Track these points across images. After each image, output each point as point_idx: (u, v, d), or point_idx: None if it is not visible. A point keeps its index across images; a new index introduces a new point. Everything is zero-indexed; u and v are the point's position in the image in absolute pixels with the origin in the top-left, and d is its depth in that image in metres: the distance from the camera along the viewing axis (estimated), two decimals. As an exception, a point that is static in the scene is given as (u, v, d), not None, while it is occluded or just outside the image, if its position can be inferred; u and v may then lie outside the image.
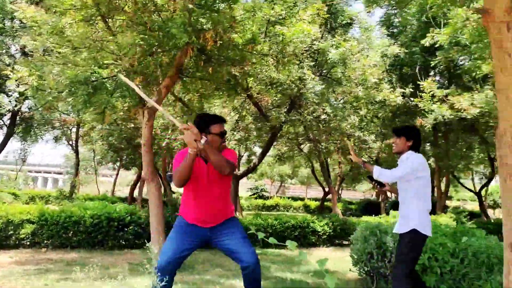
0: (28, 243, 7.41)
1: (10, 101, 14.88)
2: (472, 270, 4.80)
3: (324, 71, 9.95)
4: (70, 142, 23.18)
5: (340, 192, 28.23)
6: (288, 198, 31.78)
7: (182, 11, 4.82)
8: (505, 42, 3.05)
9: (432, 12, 8.36)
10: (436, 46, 10.53)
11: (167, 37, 5.13)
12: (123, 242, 7.68)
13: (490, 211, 24.73)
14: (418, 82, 11.84)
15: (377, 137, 15.68)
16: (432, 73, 14.29)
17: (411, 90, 12.41)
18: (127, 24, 4.98)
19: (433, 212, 15.37)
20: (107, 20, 5.45)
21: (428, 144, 17.27)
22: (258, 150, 23.43)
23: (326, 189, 20.65)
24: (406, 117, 15.23)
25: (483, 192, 24.01)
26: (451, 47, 11.03)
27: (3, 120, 16.91)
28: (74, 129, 21.84)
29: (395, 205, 18.77)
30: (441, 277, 4.86)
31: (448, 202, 27.47)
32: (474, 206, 31.99)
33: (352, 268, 6.06)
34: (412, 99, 11.96)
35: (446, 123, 12.30)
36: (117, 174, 24.99)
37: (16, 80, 5.95)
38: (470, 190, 18.99)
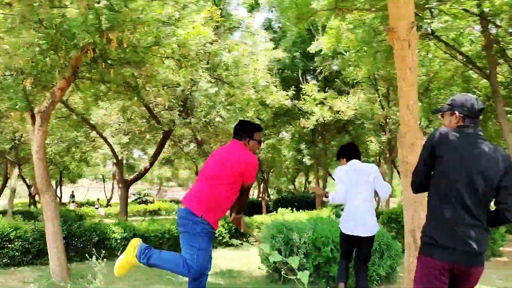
0: None
1: None
2: (367, 258, 5.38)
3: (217, 74, 10.09)
4: None
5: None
6: (170, 201, 31.28)
7: (86, 9, 4.49)
8: (407, 58, 3.53)
9: (311, 21, 9.10)
10: (314, 52, 11.45)
11: (66, 36, 4.75)
12: (7, 260, 6.84)
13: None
14: (300, 86, 12.76)
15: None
16: (309, 77, 15.50)
17: (293, 92, 13.25)
18: (21, 20, 4.46)
19: (314, 207, 16.63)
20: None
21: (305, 144, 18.62)
22: (137, 153, 22.70)
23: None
24: (286, 118, 16.26)
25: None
26: (328, 54, 12.09)
27: None
28: None
29: (276, 204, 19.75)
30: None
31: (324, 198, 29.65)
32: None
33: (261, 265, 6.30)
34: (296, 101, 12.78)
35: (324, 124, 13.45)
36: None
37: None
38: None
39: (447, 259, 2.27)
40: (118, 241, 8.05)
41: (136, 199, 30.65)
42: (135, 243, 3.33)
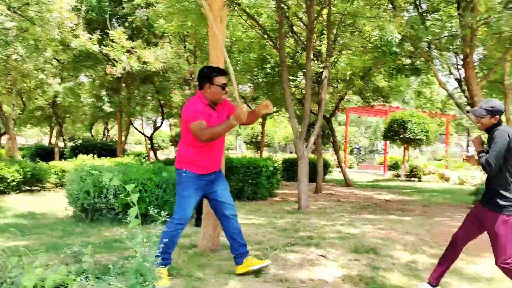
0: None
1: None
2: (172, 196, 6.22)
3: (14, 8, 9.10)
4: None
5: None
6: None
7: None
8: (219, 30, 4.28)
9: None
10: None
11: None
12: None
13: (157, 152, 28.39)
14: (107, 31, 12.44)
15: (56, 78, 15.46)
16: (116, 23, 15.09)
17: (99, 37, 12.77)
18: None
19: (114, 155, 16.70)
20: None
21: (106, 91, 18.17)
22: None
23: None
24: (90, 63, 15.58)
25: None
26: (139, 4, 12.08)
27: None
28: None
29: (74, 151, 18.93)
30: (149, 204, 6.03)
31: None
32: (138, 149, 35.66)
33: (68, 207, 6.48)
34: (104, 47, 12.45)
35: (130, 73, 13.51)
36: None
37: None
38: (144, 135, 21.30)
39: None
40: None
41: None
42: None
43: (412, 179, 19.96)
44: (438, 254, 4.85)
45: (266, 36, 10.10)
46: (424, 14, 9.05)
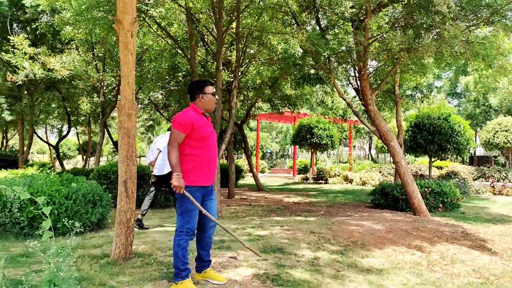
0: None
1: None
2: (82, 207, 6.12)
3: None
4: None
5: None
6: None
7: None
8: (129, 45, 4.40)
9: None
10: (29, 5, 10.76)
11: None
12: None
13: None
14: (8, 36, 11.67)
15: None
16: (17, 28, 14.18)
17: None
18: None
19: (16, 166, 15.59)
20: None
21: (5, 98, 16.94)
22: None
23: None
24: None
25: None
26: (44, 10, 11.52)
27: None
28: None
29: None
30: (57, 217, 5.88)
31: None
32: (42, 158, 33.40)
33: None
34: (4, 53, 11.67)
35: (33, 80, 12.79)
36: None
37: None
38: (49, 144, 20.11)
39: None
40: None
41: None
42: None
43: (320, 181, 21.23)
44: (338, 251, 5.41)
45: (175, 46, 10.21)
46: (325, 29, 9.86)
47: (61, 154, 31.37)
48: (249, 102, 15.10)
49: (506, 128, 22.64)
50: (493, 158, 32.62)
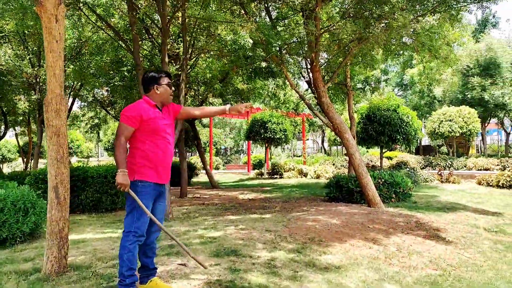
0: None
1: None
2: (11, 216, 5.47)
3: None
4: None
5: None
6: None
7: None
8: (54, 31, 3.87)
9: None
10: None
11: None
12: None
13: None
14: None
15: None
16: None
17: None
18: None
19: None
20: None
21: None
22: None
23: None
24: None
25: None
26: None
27: None
28: None
29: None
30: (-19, 229, 5.22)
31: None
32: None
33: None
34: None
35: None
36: None
37: None
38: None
39: None
40: None
41: None
42: None
43: (275, 176, 21.10)
44: (295, 249, 5.13)
45: (117, 38, 9.58)
46: (275, 21, 9.58)
47: (0, 156, 29.42)
48: (200, 97, 14.61)
49: (450, 117, 23.50)
50: (437, 147, 33.98)
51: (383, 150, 14.98)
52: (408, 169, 16.64)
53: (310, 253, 5.01)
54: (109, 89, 14.62)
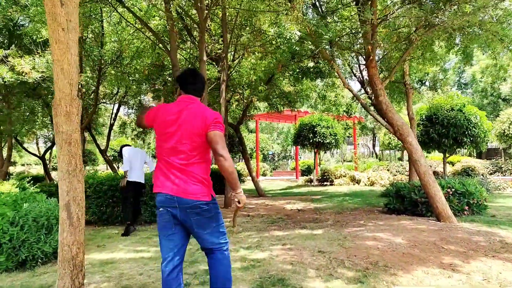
0: None
1: None
2: (32, 234, 4.89)
3: None
4: None
5: None
6: None
7: None
8: (59, 17, 3.19)
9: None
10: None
11: None
12: None
13: (54, 174, 25.60)
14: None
15: None
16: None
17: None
18: None
19: (-6, 180, 14.39)
20: None
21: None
22: None
23: None
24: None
25: (47, 156, 24.53)
26: (10, 6, 10.42)
27: None
28: None
29: None
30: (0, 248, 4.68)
31: (12, 168, 26.24)
32: (39, 170, 32.28)
33: None
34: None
35: (7, 86, 11.63)
36: None
37: None
38: (34, 154, 18.93)
39: None
40: None
41: None
42: None
43: (324, 183, 19.97)
44: (356, 278, 4.19)
45: (153, 37, 9.02)
46: (325, 13, 8.65)
47: (53, 165, 30.19)
48: (245, 101, 13.88)
49: (521, 118, 21.32)
50: (502, 150, 31.28)
51: (447, 155, 13.53)
52: (477, 176, 15.00)
53: (375, 283, 4.05)
54: (153, 95, 14.23)
